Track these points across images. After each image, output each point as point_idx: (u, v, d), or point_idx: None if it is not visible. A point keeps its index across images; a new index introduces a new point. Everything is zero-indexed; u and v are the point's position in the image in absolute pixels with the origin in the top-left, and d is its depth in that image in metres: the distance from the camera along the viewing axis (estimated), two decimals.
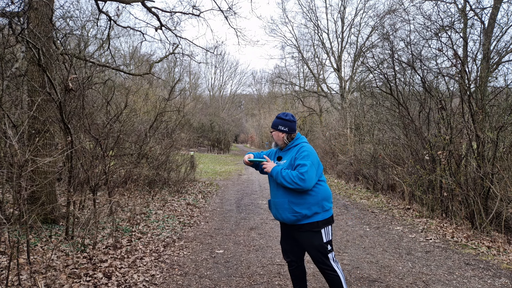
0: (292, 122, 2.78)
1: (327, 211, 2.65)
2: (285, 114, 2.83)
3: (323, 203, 2.61)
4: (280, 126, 2.78)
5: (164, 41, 21.33)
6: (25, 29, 3.88)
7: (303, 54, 24.72)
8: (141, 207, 6.48)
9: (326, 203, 2.64)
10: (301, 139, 2.80)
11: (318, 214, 2.59)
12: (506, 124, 5.43)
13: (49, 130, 4.89)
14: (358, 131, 12.41)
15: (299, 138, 2.81)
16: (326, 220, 2.64)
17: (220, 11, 9.31)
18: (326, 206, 2.63)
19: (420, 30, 7.97)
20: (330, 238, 2.67)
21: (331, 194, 2.75)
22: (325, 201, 2.63)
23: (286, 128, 2.76)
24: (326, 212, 2.64)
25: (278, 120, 2.79)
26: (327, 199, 2.65)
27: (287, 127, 2.76)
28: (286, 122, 2.77)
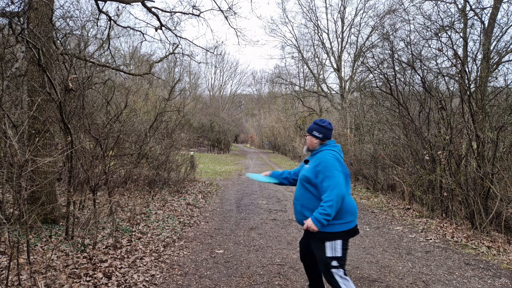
0: (328, 130, 2.69)
1: (341, 225, 2.50)
2: (322, 120, 2.75)
3: (338, 214, 2.48)
4: (314, 132, 2.71)
5: (164, 41, 21.34)
6: (25, 29, 3.88)
7: (303, 54, 24.73)
8: (141, 207, 6.48)
9: (343, 214, 2.50)
10: (328, 146, 2.68)
11: (330, 225, 2.47)
12: (506, 124, 5.43)
13: (49, 130, 4.89)
14: (358, 131, 12.41)
15: (326, 145, 2.70)
16: (335, 233, 2.49)
17: (220, 11, 9.32)
18: (342, 216, 2.50)
19: (420, 30, 7.98)
20: (336, 255, 2.50)
21: (353, 207, 2.55)
22: (342, 212, 2.49)
23: (321, 135, 2.69)
24: (340, 225, 2.49)
25: (314, 125, 2.72)
26: (345, 211, 2.51)
27: (322, 134, 2.69)
28: (321, 129, 2.69)
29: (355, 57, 21.54)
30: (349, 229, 2.54)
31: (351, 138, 12.89)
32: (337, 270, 2.50)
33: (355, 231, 2.60)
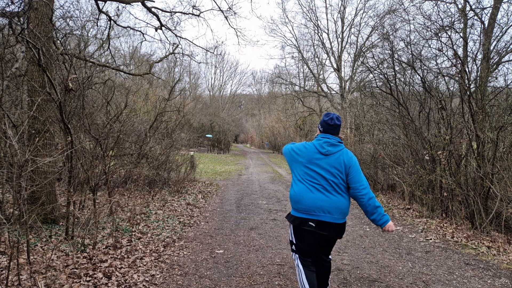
0: (327, 125, 2.75)
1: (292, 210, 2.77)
2: (327, 114, 2.81)
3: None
4: (319, 124, 2.85)
5: (164, 41, 21.34)
6: (25, 29, 3.88)
7: (303, 54, 24.74)
8: (141, 207, 6.48)
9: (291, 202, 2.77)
10: (316, 139, 2.81)
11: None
12: (506, 124, 5.43)
13: (49, 130, 4.89)
14: (358, 131, 12.41)
15: (315, 138, 2.83)
16: (288, 215, 2.82)
17: (220, 11, 9.32)
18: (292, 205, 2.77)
19: (420, 30, 7.98)
20: (290, 238, 2.82)
21: (302, 200, 2.65)
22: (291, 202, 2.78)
23: (322, 128, 2.80)
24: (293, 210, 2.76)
25: (321, 119, 2.84)
26: (291, 199, 2.75)
27: (323, 127, 2.79)
28: (322, 122, 2.79)
29: (355, 57, 21.55)
30: (292, 214, 2.74)
31: (351, 138, 12.88)
32: (293, 254, 2.82)
33: (301, 221, 2.65)
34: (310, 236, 2.66)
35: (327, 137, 2.71)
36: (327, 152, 2.64)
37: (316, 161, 2.64)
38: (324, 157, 2.64)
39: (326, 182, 2.60)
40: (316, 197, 2.58)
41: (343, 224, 2.67)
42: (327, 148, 2.66)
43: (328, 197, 2.59)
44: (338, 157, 2.64)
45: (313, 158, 2.64)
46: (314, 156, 2.65)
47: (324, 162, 2.62)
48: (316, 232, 2.61)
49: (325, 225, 2.58)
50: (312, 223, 2.59)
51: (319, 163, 2.63)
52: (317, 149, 2.67)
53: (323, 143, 2.68)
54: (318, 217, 2.57)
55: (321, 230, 2.59)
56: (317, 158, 2.64)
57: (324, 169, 2.61)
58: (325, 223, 2.58)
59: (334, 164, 2.62)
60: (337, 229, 2.63)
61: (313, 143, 2.74)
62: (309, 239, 2.68)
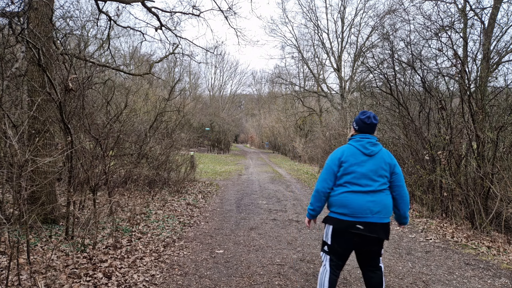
0: (363, 123, 2.63)
1: (331, 213, 2.67)
2: (363, 112, 2.67)
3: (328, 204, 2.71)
4: (354, 122, 2.72)
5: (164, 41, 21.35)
6: (25, 29, 3.88)
7: (303, 54, 24.73)
8: (141, 207, 6.48)
9: (331, 206, 2.66)
10: (353, 140, 2.67)
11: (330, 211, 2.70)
12: (506, 124, 5.43)
13: (49, 130, 4.89)
14: None
15: (352, 139, 2.68)
16: (326, 217, 2.70)
17: (220, 11, 9.32)
18: (330, 207, 2.68)
19: (420, 30, 7.98)
20: (325, 239, 2.69)
21: (347, 203, 2.53)
22: (330, 204, 2.67)
23: (357, 127, 2.68)
24: (331, 212, 2.68)
25: (357, 116, 2.71)
26: (332, 203, 2.64)
27: (358, 125, 2.67)
28: (358, 120, 2.67)
29: (355, 57, 21.54)
30: (335, 218, 2.61)
31: None
32: (322, 254, 2.74)
33: (346, 225, 2.54)
34: (353, 240, 2.57)
35: (367, 136, 2.61)
36: (372, 153, 2.56)
37: (362, 163, 2.54)
38: (368, 158, 2.56)
39: (371, 182, 2.53)
40: (363, 199, 2.51)
41: (389, 224, 2.60)
42: (371, 148, 2.57)
43: (375, 197, 2.53)
44: (382, 156, 2.58)
45: (358, 161, 2.55)
46: (360, 159, 2.55)
47: (370, 163, 2.55)
48: (362, 235, 2.52)
49: (373, 227, 2.50)
50: (360, 225, 2.50)
51: (364, 165, 2.54)
52: (360, 151, 2.57)
53: (366, 144, 2.58)
54: (366, 219, 2.49)
55: (370, 232, 2.50)
56: (362, 160, 2.55)
57: (370, 170, 2.54)
58: (374, 224, 2.50)
59: (379, 164, 2.56)
60: (384, 229, 2.55)
61: (353, 145, 2.61)
62: (350, 243, 2.60)
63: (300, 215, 6.68)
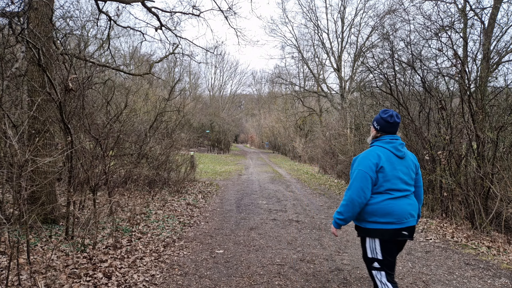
0: (386, 122, 2.47)
1: (372, 223, 2.41)
2: (385, 110, 2.51)
3: (364, 214, 2.45)
4: (375, 122, 2.55)
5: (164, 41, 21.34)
6: (25, 29, 3.88)
7: (303, 54, 24.75)
8: (141, 207, 6.48)
9: (369, 215, 2.41)
10: (380, 141, 2.48)
11: (367, 222, 2.44)
12: (506, 124, 5.43)
13: (49, 130, 4.89)
14: (358, 131, 12.40)
15: (379, 140, 2.50)
16: (367, 229, 2.43)
17: (220, 11, 9.32)
18: (369, 217, 2.42)
19: (420, 30, 7.97)
20: (374, 256, 2.41)
21: (392, 210, 2.35)
22: (366, 213, 2.42)
23: (378, 126, 2.52)
24: (371, 223, 2.42)
25: (377, 115, 2.55)
26: (371, 212, 2.40)
27: (380, 125, 2.50)
28: (380, 120, 2.50)
29: (355, 57, 21.54)
30: (380, 229, 2.38)
31: (351, 138, 12.89)
32: (376, 272, 2.43)
33: (394, 233, 2.36)
34: (396, 246, 2.44)
35: (396, 137, 2.47)
36: (404, 155, 2.45)
37: (397, 167, 2.41)
38: (401, 160, 2.43)
39: (407, 186, 2.43)
40: (404, 203, 2.38)
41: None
42: (403, 150, 2.46)
43: (411, 200, 2.45)
44: (410, 158, 2.50)
45: (394, 165, 2.40)
46: (395, 162, 2.41)
47: (403, 166, 2.43)
48: (404, 240, 2.44)
49: (412, 230, 2.43)
50: (405, 231, 2.37)
51: (399, 168, 2.41)
52: (393, 153, 2.43)
53: (398, 145, 2.45)
54: (408, 223, 2.38)
55: (411, 236, 2.41)
56: (397, 163, 2.41)
57: (404, 173, 2.42)
58: (412, 228, 2.42)
59: (410, 166, 2.47)
60: (413, 231, 2.45)
61: (385, 148, 2.45)
62: (395, 250, 2.44)
63: (300, 215, 6.68)
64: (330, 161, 14.73)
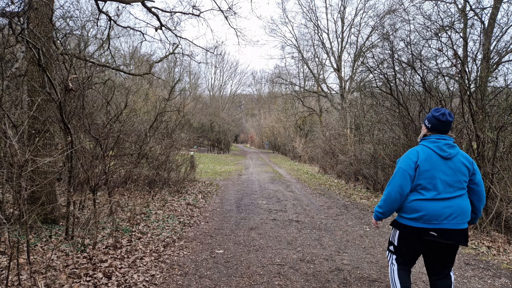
0: (437, 121, 2.44)
1: (402, 218, 2.51)
2: (437, 109, 2.48)
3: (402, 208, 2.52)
4: (426, 120, 2.54)
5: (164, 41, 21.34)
6: (25, 29, 3.88)
7: (303, 54, 24.75)
8: (141, 207, 6.48)
9: (405, 210, 2.48)
10: (427, 140, 2.48)
11: (399, 216, 2.57)
12: (506, 124, 5.44)
13: (49, 130, 4.89)
14: (358, 131, 12.41)
15: (426, 139, 2.50)
16: (396, 222, 2.58)
17: (220, 11, 9.32)
18: (404, 211, 2.50)
19: (420, 30, 7.97)
20: (392, 240, 2.65)
21: (422, 209, 2.39)
22: (403, 208, 2.49)
23: (430, 125, 2.49)
24: (401, 218, 2.52)
25: (429, 113, 2.54)
26: (406, 208, 2.47)
27: (431, 123, 2.48)
28: (431, 118, 2.48)
29: (355, 57, 21.55)
30: (403, 224, 2.47)
31: (351, 138, 12.89)
32: (388, 253, 2.72)
33: (420, 232, 2.40)
34: (424, 246, 2.46)
35: (444, 137, 2.43)
36: (449, 156, 2.39)
37: (437, 167, 2.38)
38: (445, 161, 2.39)
39: (449, 188, 2.38)
40: (440, 205, 2.36)
41: (467, 229, 2.43)
42: (449, 150, 2.40)
43: (452, 203, 2.37)
44: (460, 160, 2.41)
45: (434, 165, 2.38)
46: (436, 162, 2.39)
47: (447, 167, 2.38)
48: (437, 242, 2.40)
49: (449, 233, 2.35)
50: (434, 232, 2.36)
51: (440, 168, 2.38)
52: (436, 153, 2.40)
53: (443, 145, 2.40)
54: (441, 225, 2.35)
55: (446, 239, 2.36)
56: (439, 163, 2.38)
57: (447, 174, 2.37)
58: (450, 231, 2.35)
59: (458, 168, 2.39)
60: (462, 234, 2.38)
61: (428, 147, 2.43)
62: (420, 248, 2.48)
63: (300, 215, 6.68)
64: (330, 161, 14.73)
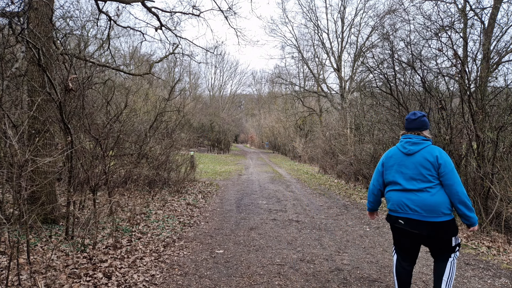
0: (406, 120, 2.88)
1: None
2: (413, 112, 2.88)
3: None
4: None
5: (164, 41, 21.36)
6: (25, 29, 3.88)
7: (303, 54, 24.75)
8: (141, 207, 6.48)
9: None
10: (399, 141, 2.90)
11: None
12: (506, 124, 5.43)
13: (49, 130, 4.89)
14: (358, 131, 12.41)
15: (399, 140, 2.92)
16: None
17: (220, 11, 9.33)
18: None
19: (420, 30, 7.96)
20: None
21: (390, 200, 2.81)
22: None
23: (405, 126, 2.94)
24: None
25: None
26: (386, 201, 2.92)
27: (405, 124, 2.92)
28: (405, 120, 2.92)
29: (355, 57, 21.54)
30: (388, 214, 2.90)
31: (351, 138, 12.89)
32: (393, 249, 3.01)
33: (392, 219, 2.81)
34: (401, 234, 2.80)
35: (409, 136, 2.80)
36: (409, 152, 2.73)
37: (400, 162, 2.76)
38: (407, 157, 2.74)
39: (412, 181, 2.68)
40: (401, 196, 2.72)
41: (438, 223, 2.60)
42: (409, 147, 2.75)
43: (414, 195, 2.66)
44: (422, 155, 2.68)
45: (397, 161, 2.79)
46: (400, 159, 2.78)
47: (409, 162, 2.72)
48: (406, 230, 2.72)
49: (415, 223, 2.65)
50: (401, 220, 2.72)
51: (402, 163, 2.74)
52: (400, 151, 2.80)
53: (405, 143, 2.79)
54: (405, 215, 2.69)
55: (412, 228, 2.67)
56: (402, 159, 2.76)
57: (409, 168, 2.70)
58: (415, 221, 2.64)
59: (420, 162, 2.66)
60: (431, 227, 2.60)
61: (397, 146, 2.87)
62: (401, 237, 2.83)
63: (300, 215, 6.68)
64: (330, 161, 14.73)
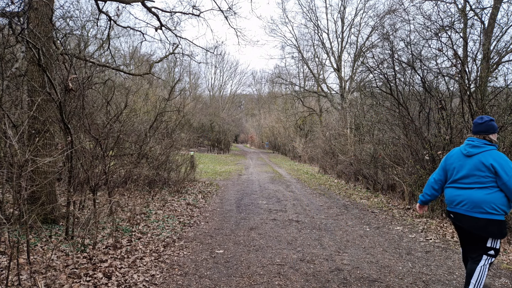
0: (474, 124, 3.08)
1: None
2: (480, 117, 3.08)
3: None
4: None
5: (164, 41, 21.36)
6: (25, 29, 3.88)
7: (303, 54, 24.76)
8: (141, 207, 6.48)
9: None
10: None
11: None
12: (506, 124, 5.44)
13: (49, 130, 4.89)
14: (358, 131, 12.41)
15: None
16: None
17: (220, 11, 9.33)
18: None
19: (420, 30, 7.98)
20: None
21: (445, 195, 3.15)
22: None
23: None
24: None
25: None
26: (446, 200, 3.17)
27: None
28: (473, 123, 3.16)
29: (355, 57, 21.55)
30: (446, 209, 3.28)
31: (351, 138, 12.89)
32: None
33: (446, 213, 3.26)
34: (455, 227, 3.19)
35: (472, 139, 3.02)
36: (468, 154, 2.97)
37: (459, 162, 3.02)
38: (467, 158, 2.99)
39: (465, 179, 2.96)
40: (453, 192, 3.04)
41: (479, 219, 2.84)
42: (469, 150, 2.98)
43: (465, 192, 2.94)
44: (479, 158, 2.90)
45: (458, 161, 3.05)
46: (461, 159, 3.03)
47: (467, 163, 2.97)
48: (455, 224, 3.10)
49: (461, 217, 2.96)
50: (452, 214, 3.06)
51: (462, 163, 3.00)
52: (461, 152, 3.04)
53: (466, 146, 3.03)
54: (455, 210, 3.01)
55: (458, 222, 3.01)
56: (462, 160, 3.02)
57: (466, 169, 2.96)
58: (461, 215, 2.96)
59: (476, 164, 2.90)
60: (474, 222, 2.86)
61: (460, 147, 3.11)
62: (456, 230, 3.24)
63: (300, 215, 6.68)
64: (330, 161, 14.72)
